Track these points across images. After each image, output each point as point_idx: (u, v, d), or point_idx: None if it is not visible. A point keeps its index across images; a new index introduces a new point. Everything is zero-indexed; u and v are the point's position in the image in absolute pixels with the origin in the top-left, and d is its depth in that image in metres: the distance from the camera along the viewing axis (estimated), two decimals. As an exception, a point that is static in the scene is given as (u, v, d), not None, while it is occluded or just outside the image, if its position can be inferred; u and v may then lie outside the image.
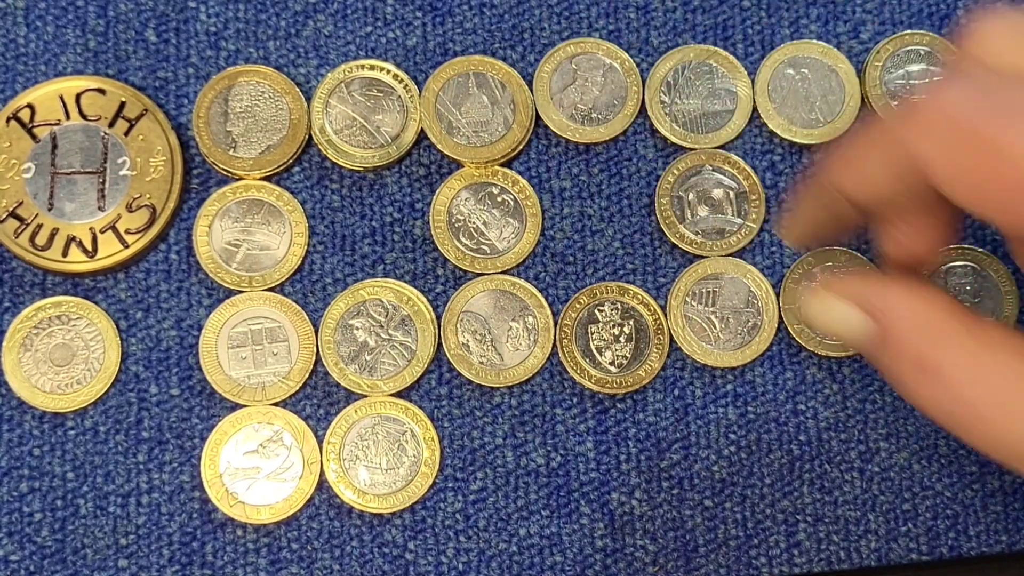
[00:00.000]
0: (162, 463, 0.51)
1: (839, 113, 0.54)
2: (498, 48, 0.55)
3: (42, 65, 0.54)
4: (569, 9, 0.55)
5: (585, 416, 0.52)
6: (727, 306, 0.53)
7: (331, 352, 0.52)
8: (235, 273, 0.52)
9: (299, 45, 0.55)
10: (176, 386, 0.52)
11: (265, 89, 0.54)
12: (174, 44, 0.55)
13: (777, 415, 0.52)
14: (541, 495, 0.52)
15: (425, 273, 0.53)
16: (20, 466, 0.51)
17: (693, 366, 0.52)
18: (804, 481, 0.52)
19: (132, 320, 0.52)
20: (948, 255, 0.53)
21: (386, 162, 0.54)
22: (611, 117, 0.54)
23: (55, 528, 0.51)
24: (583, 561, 0.51)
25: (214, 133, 0.53)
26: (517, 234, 0.53)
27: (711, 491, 0.52)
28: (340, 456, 0.51)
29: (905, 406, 0.52)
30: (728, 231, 0.53)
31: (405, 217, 0.54)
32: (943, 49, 0.55)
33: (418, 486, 0.51)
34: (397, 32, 0.55)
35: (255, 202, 0.53)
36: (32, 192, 0.52)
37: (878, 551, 0.51)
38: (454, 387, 0.52)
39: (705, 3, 0.56)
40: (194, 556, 0.51)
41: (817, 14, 0.56)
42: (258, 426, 0.51)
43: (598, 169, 0.54)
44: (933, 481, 0.52)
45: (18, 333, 0.52)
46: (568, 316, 0.52)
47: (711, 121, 0.54)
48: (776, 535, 0.51)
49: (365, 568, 0.51)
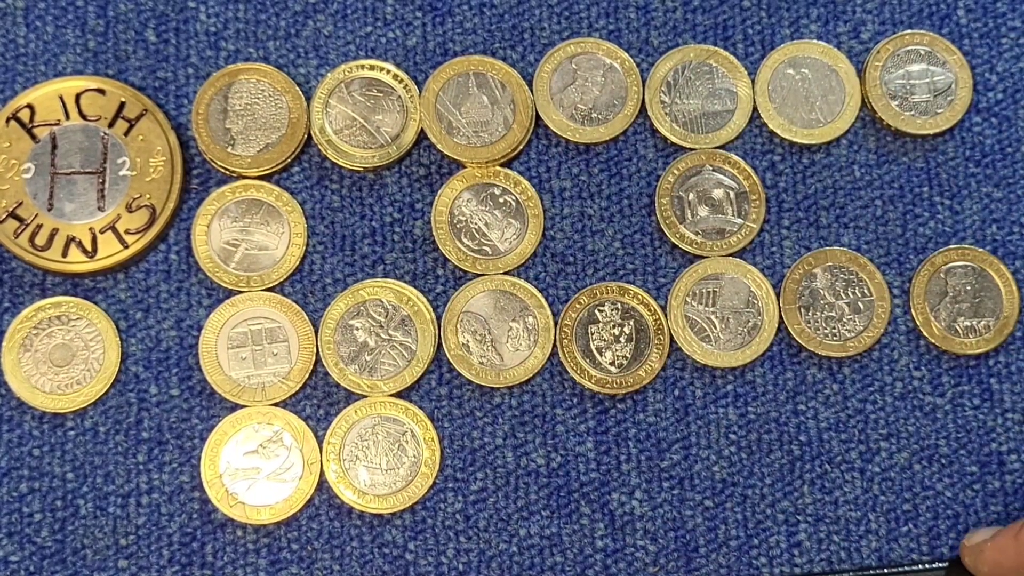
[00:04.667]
0: (162, 463, 0.51)
1: (839, 113, 0.54)
2: (498, 48, 0.55)
3: (42, 65, 0.54)
4: (569, 9, 0.55)
5: (585, 416, 0.52)
6: (727, 306, 0.53)
7: (331, 352, 0.52)
8: (233, 273, 0.52)
9: (299, 45, 0.55)
10: (176, 386, 0.52)
11: (265, 87, 0.54)
12: (174, 44, 0.55)
13: (777, 415, 0.52)
14: (541, 495, 0.52)
15: (425, 273, 0.53)
16: (20, 466, 0.51)
17: (693, 366, 0.52)
18: (805, 481, 0.52)
19: (132, 320, 0.52)
20: (949, 255, 0.53)
21: (386, 162, 0.53)
22: (611, 117, 0.54)
23: (55, 528, 0.51)
24: (583, 561, 0.51)
25: (213, 130, 0.53)
26: (519, 235, 0.53)
27: (711, 491, 0.52)
28: (340, 456, 0.51)
29: (905, 406, 0.52)
30: (728, 231, 0.53)
31: (405, 217, 0.54)
32: (943, 49, 0.55)
33: (418, 486, 0.51)
34: (397, 32, 0.55)
35: (254, 202, 0.53)
36: (32, 192, 0.52)
37: (879, 551, 0.51)
38: (454, 387, 0.52)
39: (705, 3, 0.56)
40: (194, 556, 0.51)
41: (817, 14, 0.56)
42: (258, 426, 0.51)
43: (598, 169, 0.54)
44: (934, 481, 0.52)
45: (18, 333, 0.52)
46: (568, 316, 0.52)
47: (711, 121, 0.54)
48: (777, 535, 0.51)
49: (365, 568, 0.51)
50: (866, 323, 0.52)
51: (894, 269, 0.54)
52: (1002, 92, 0.55)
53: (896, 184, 0.54)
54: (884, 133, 0.55)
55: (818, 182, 0.54)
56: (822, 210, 0.54)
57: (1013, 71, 0.55)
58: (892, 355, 0.53)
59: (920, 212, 0.54)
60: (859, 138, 0.55)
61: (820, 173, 0.54)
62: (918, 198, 0.54)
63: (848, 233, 0.54)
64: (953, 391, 0.53)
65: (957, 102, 0.54)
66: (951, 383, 0.53)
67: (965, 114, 0.55)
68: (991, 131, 0.55)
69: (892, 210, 0.54)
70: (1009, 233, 0.54)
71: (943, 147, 0.55)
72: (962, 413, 0.52)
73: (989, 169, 0.54)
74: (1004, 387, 0.53)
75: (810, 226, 0.54)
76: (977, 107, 0.55)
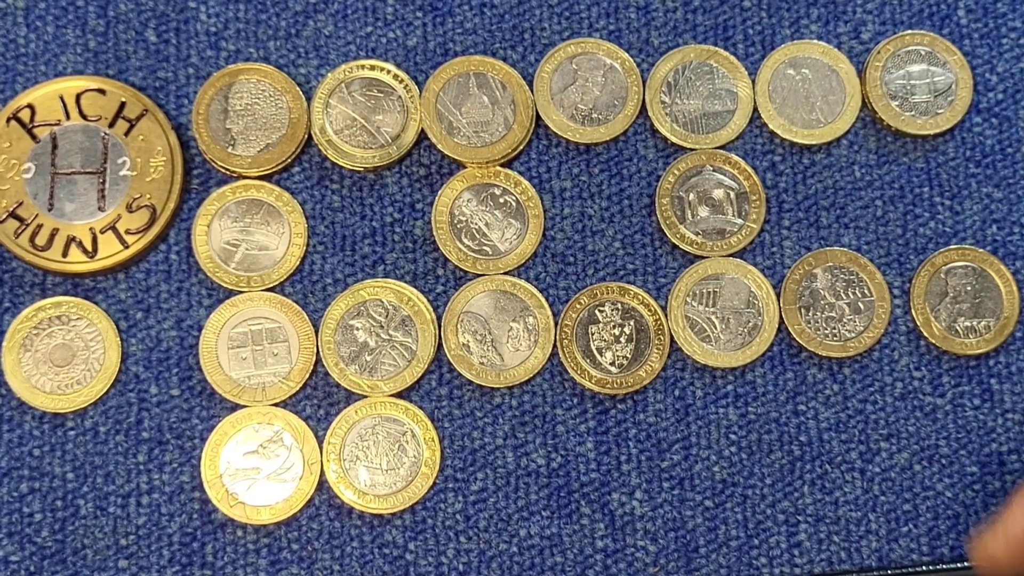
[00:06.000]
0: (162, 463, 0.51)
1: (839, 113, 0.54)
2: (498, 48, 0.55)
3: (42, 65, 0.54)
4: (569, 9, 0.55)
5: (585, 416, 0.52)
6: (727, 306, 0.53)
7: (331, 352, 0.52)
8: (233, 273, 0.52)
9: (299, 45, 0.55)
10: (176, 386, 0.52)
11: (266, 87, 0.54)
12: (174, 44, 0.55)
13: (778, 415, 0.52)
14: (541, 496, 0.52)
15: (425, 273, 0.53)
16: (20, 466, 0.51)
17: (693, 366, 0.52)
18: (805, 482, 0.52)
19: (132, 320, 0.52)
20: (949, 255, 0.53)
21: (386, 162, 0.53)
22: (611, 117, 0.54)
23: (55, 528, 0.51)
24: (583, 562, 0.51)
25: (213, 130, 0.53)
26: (519, 235, 0.53)
27: (712, 491, 0.52)
28: (340, 456, 0.51)
29: (906, 406, 0.52)
30: (728, 231, 0.53)
31: (405, 217, 0.54)
32: (943, 49, 0.55)
33: (418, 487, 0.51)
34: (397, 32, 0.55)
35: (254, 202, 0.53)
36: (32, 192, 0.52)
37: (879, 551, 0.51)
38: (454, 387, 0.52)
39: (705, 3, 0.56)
40: (194, 556, 0.51)
41: (817, 14, 0.56)
42: (258, 426, 0.51)
43: (598, 169, 0.54)
44: (934, 482, 0.52)
45: (18, 333, 0.52)
46: (568, 316, 0.52)
47: (711, 121, 0.54)
48: (777, 536, 0.51)
49: (365, 569, 0.51)
50: (866, 323, 0.52)
51: (894, 269, 0.54)
52: (1002, 92, 0.55)
53: (896, 184, 0.54)
54: (884, 133, 0.55)
55: (818, 182, 0.54)
56: (822, 210, 0.54)
57: (1013, 71, 0.55)
58: (892, 355, 0.53)
59: (920, 212, 0.54)
60: (859, 138, 0.55)
61: (820, 173, 0.54)
62: (918, 198, 0.54)
63: (848, 233, 0.54)
64: (953, 391, 0.53)
65: (957, 102, 0.54)
66: (951, 383, 0.53)
67: (965, 114, 0.55)
68: (991, 131, 0.55)
69: (892, 210, 0.54)
70: (1009, 233, 0.54)
71: (943, 147, 0.55)
72: (962, 413, 0.52)
73: (989, 169, 0.54)
74: (1004, 387, 0.53)
75: (810, 226, 0.54)
76: (977, 107, 0.55)
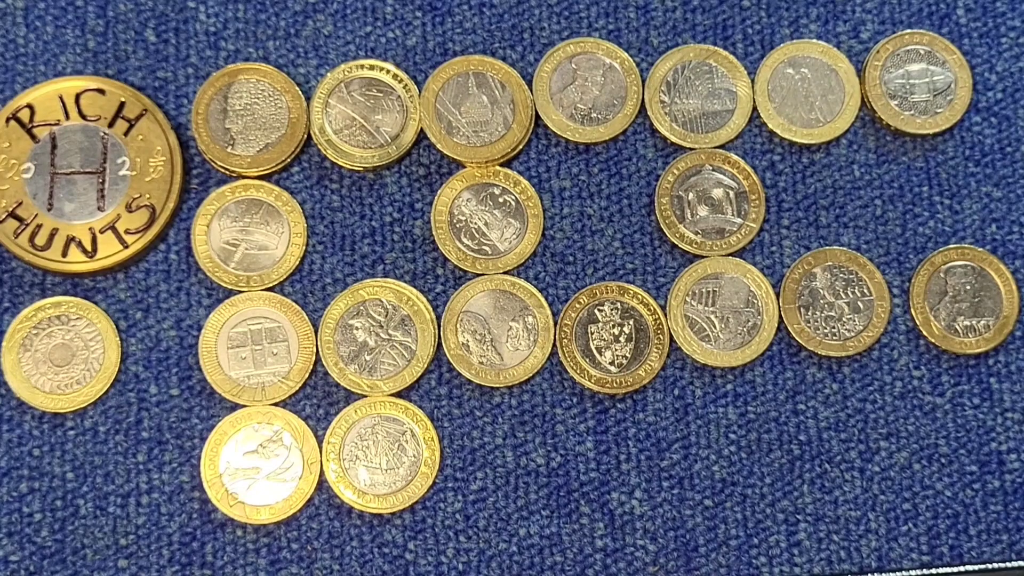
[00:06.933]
0: (162, 463, 0.51)
1: (839, 112, 0.54)
2: (498, 48, 0.55)
3: (42, 65, 0.54)
4: (569, 9, 0.55)
5: (585, 416, 0.52)
6: (727, 306, 0.53)
7: (331, 352, 0.52)
8: (233, 273, 0.52)
9: (299, 45, 0.55)
10: (176, 386, 0.52)
11: (265, 87, 0.54)
12: (174, 44, 0.55)
13: (777, 415, 0.52)
14: (541, 495, 0.52)
15: (425, 273, 0.53)
16: (20, 466, 0.51)
17: (693, 366, 0.53)
18: (804, 481, 0.52)
19: (132, 320, 0.52)
20: (948, 255, 0.53)
21: (386, 162, 0.53)
22: (611, 117, 0.54)
23: (55, 528, 0.51)
24: (583, 561, 0.51)
25: (213, 130, 0.53)
26: (518, 235, 0.53)
27: (711, 491, 0.52)
28: (340, 456, 0.51)
29: (905, 406, 0.52)
30: (728, 231, 0.53)
31: (405, 217, 0.54)
32: (943, 49, 0.55)
33: (418, 486, 0.51)
34: (397, 32, 0.55)
35: (254, 202, 0.53)
36: (32, 192, 0.52)
37: (878, 551, 0.51)
38: (454, 387, 0.52)
39: (705, 3, 0.56)
40: (194, 556, 0.51)
41: (817, 14, 0.56)
42: (258, 426, 0.51)
43: (598, 169, 0.54)
44: (933, 481, 0.52)
45: (18, 333, 0.52)
46: (568, 316, 0.52)
47: (711, 121, 0.54)
48: (776, 535, 0.51)
49: (365, 568, 0.51)
50: (866, 323, 0.52)
51: (894, 269, 0.54)
52: (1002, 92, 0.55)
53: (896, 184, 0.54)
54: (884, 133, 0.55)
55: (818, 182, 0.54)
56: (822, 210, 0.54)
57: (1013, 71, 0.55)
58: (892, 355, 0.53)
59: (920, 212, 0.54)
60: (859, 138, 0.55)
61: (820, 173, 0.54)
62: (918, 198, 0.54)
63: (848, 233, 0.54)
64: (953, 391, 0.53)
65: (957, 102, 0.54)
66: (951, 383, 0.53)
67: (965, 114, 0.55)
68: (991, 131, 0.55)
69: (892, 210, 0.54)
70: (1009, 233, 0.54)
71: (943, 147, 0.55)
72: (962, 413, 0.52)
73: (989, 169, 0.54)
74: (1004, 387, 0.53)
75: (810, 226, 0.54)
76: (977, 107, 0.55)
